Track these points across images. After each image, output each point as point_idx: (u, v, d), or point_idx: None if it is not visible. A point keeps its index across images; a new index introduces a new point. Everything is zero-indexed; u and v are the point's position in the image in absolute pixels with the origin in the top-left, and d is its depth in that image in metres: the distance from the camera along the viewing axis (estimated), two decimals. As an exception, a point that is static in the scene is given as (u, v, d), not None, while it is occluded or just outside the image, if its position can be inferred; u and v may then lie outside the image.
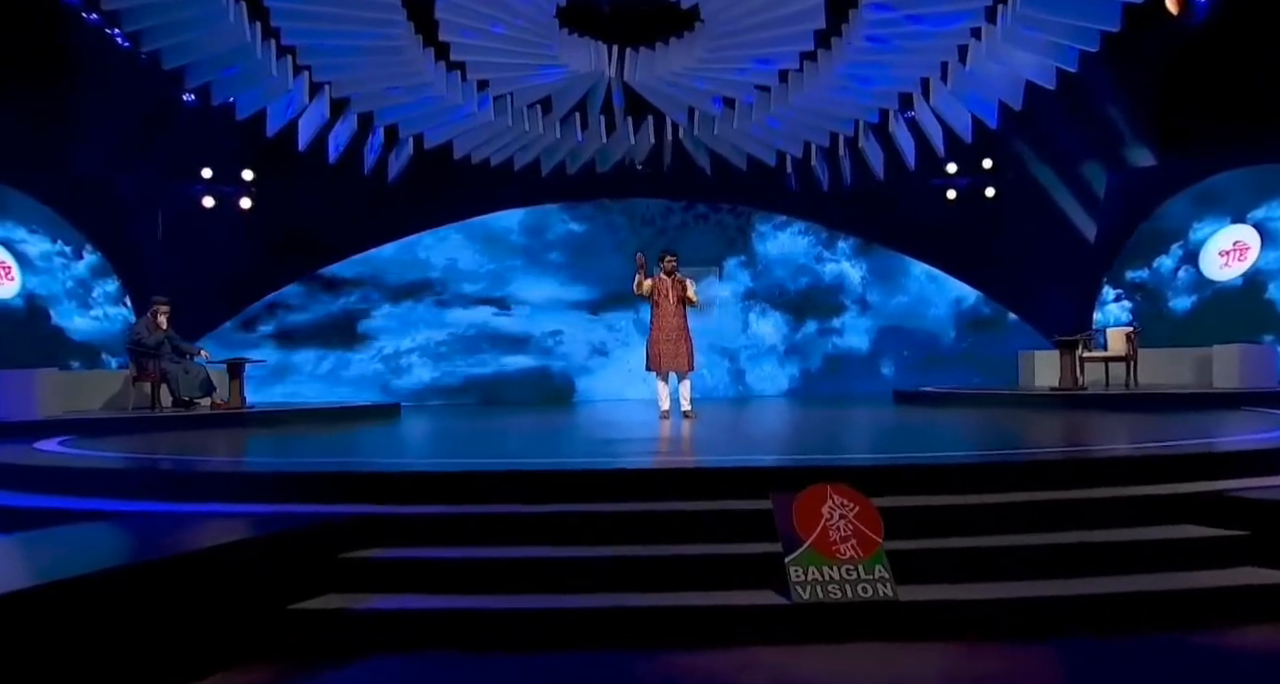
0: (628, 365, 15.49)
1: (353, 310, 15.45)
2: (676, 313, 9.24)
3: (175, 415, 9.39)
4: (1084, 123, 13.66)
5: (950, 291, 16.05)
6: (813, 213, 15.86)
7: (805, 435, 7.85)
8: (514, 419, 10.70)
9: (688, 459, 6.04)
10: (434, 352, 15.62)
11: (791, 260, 16.14)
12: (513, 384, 15.67)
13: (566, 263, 15.86)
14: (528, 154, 14.86)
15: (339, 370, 15.32)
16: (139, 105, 12.50)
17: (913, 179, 14.65)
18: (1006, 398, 10.72)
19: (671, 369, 9.28)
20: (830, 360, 16.06)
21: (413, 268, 15.64)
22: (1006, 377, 15.71)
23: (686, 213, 16.03)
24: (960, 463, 5.11)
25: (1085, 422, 8.17)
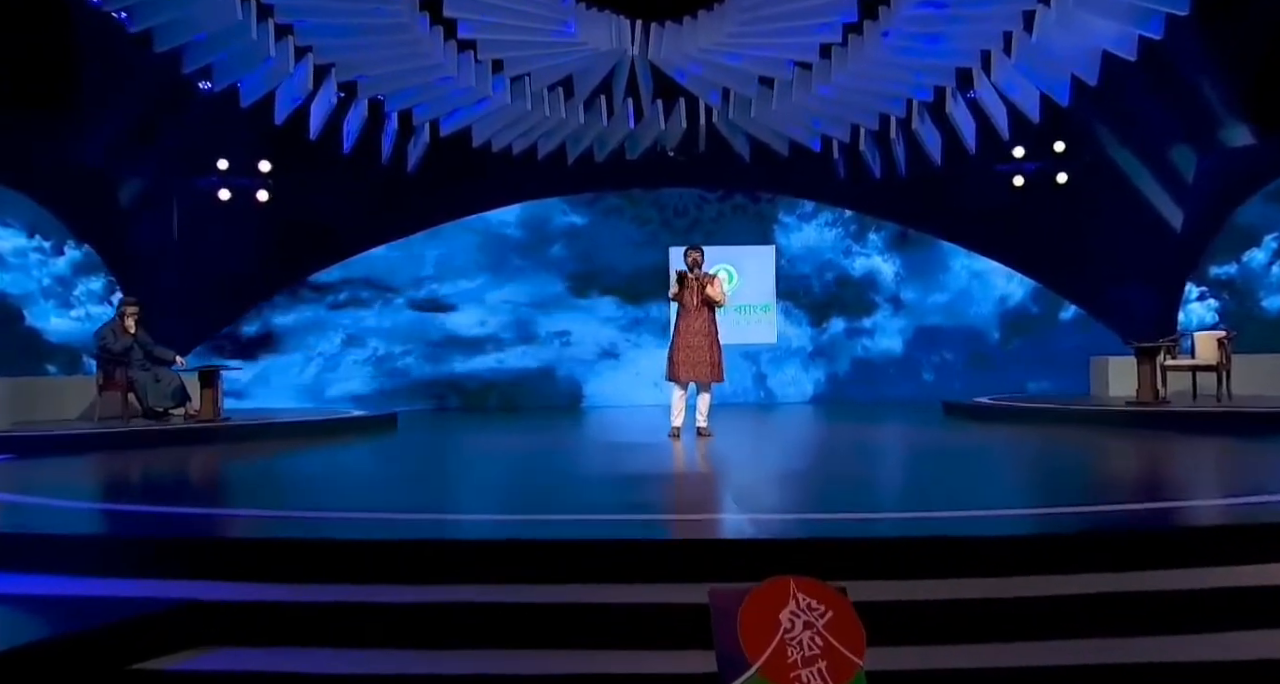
0: (636, 370, 14.53)
1: (343, 309, 14.66)
2: (702, 315, 8.14)
3: (134, 430, 8.53)
4: (1170, 98, 12.11)
5: (995, 288, 14.64)
6: (861, 203, 14.57)
7: (830, 468, 6.65)
8: (500, 436, 9.85)
9: (671, 519, 4.84)
10: (428, 353, 14.76)
11: (817, 254, 14.88)
12: (517, 388, 14.75)
13: (573, 257, 14.89)
14: (551, 141, 13.81)
15: (326, 372, 14.57)
16: (138, 90, 11.80)
17: (973, 165, 13.23)
18: (1073, 414, 9.28)
19: (692, 379, 8.17)
20: (860, 364, 14.78)
21: (408, 264, 14.79)
22: (1061, 382, 14.30)
23: (723, 203, 14.87)
24: (1001, 536, 3.84)
25: (1169, 450, 6.88)
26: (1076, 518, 4.25)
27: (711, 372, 8.15)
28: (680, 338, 8.17)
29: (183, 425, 8.66)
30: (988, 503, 4.88)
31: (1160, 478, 5.91)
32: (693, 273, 8.20)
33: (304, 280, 14.64)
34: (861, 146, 13.50)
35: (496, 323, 14.78)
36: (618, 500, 5.10)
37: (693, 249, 8.31)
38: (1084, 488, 5.61)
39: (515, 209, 14.82)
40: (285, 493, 5.82)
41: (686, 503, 5.28)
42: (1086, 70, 11.38)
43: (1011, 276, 14.69)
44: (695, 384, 8.28)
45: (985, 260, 14.76)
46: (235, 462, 7.38)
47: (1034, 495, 5.46)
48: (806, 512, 4.79)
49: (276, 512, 4.89)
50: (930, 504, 4.88)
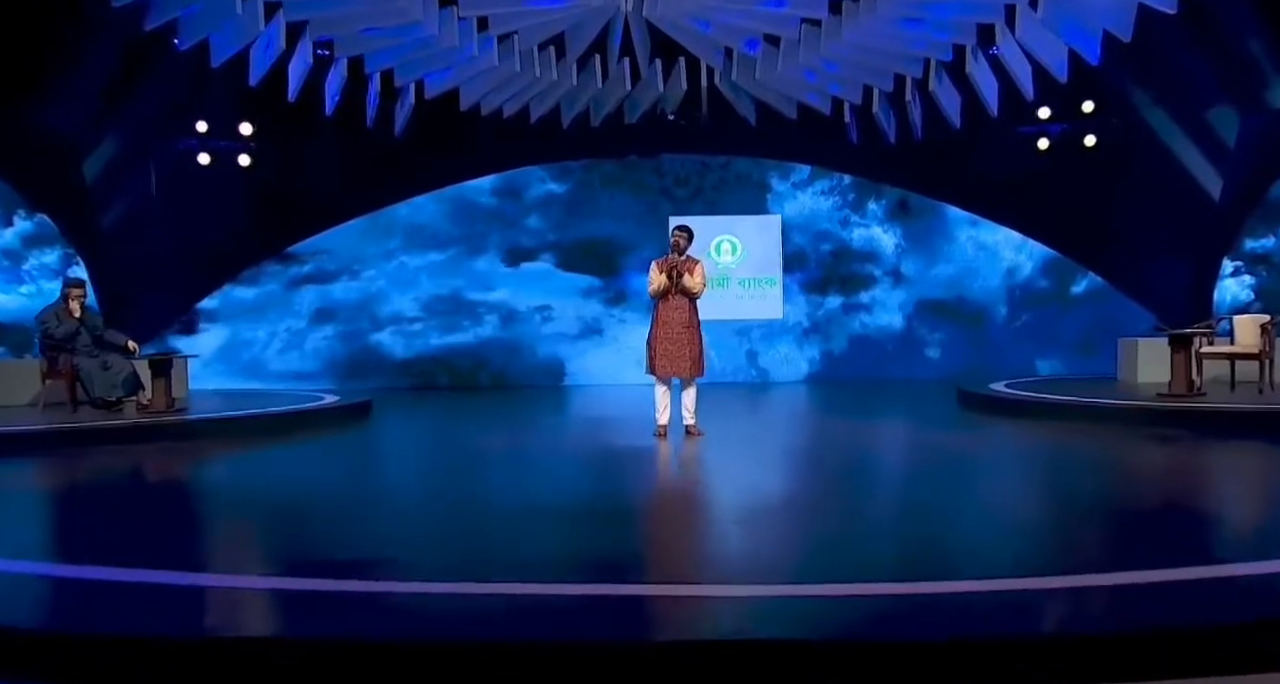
0: (619, 348, 13.92)
1: (308, 281, 14.05)
2: (683, 305, 7.49)
3: (72, 428, 7.73)
4: (1212, 54, 11.13)
5: (1002, 261, 13.83)
6: (873, 169, 13.70)
7: (844, 496, 5.43)
8: (465, 430, 9.21)
9: (641, 594, 3.46)
10: (406, 329, 14.16)
11: (813, 224, 14.09)
12: (495, 366, 14.16)
13: (557, 228, 14.18)
14: (544, 105, 12.99)
15: (293, 347, 14.00)
16: (100, 48, 11.07)
17: (995, 128, 12.33)
18: (1103, 410, 8.31)
19: (671, 375, 7.48)
20: (857, 341, 14.06)
21: (381, 234, 14.12)
22: (1074, 361, 13.58)
23: (726, 170, 14.04)
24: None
25: (1245, 467, 6.10)
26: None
27: (691, 367, 7.47)
28: (659, 329, 7.48)
29: (129, 420, 7.99)
30: (1069, 561, 3.84)
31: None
32: (678, 257, 7.48)
33: (285, 251, 14.01)
34: (875, 109, 12.59)
35: (473, 297, 14.15)
36: (579, 553, 4.15)
37: (679, 231, 7.56)
38: (1196, 540, 4.18)
39: (490, 177, 14.10)
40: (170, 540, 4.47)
41: (666, 560, 4.18)
42: (1119, 24, 10.38)
43: (1021, 248, 13.87)
44: (677, 379, 7.62)
45: (992, 231, 13.95)
46: (166, 475, 6.63)
47: (1132, 552, 4.02)
48: (824, 580, 3.57)
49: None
50: (990, 563, 3.80)
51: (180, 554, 4.17)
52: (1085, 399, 8.56)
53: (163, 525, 4.87)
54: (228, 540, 4.75)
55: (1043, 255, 13.94)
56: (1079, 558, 3.93)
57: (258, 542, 4.64)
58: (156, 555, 4.01)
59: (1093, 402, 8.46)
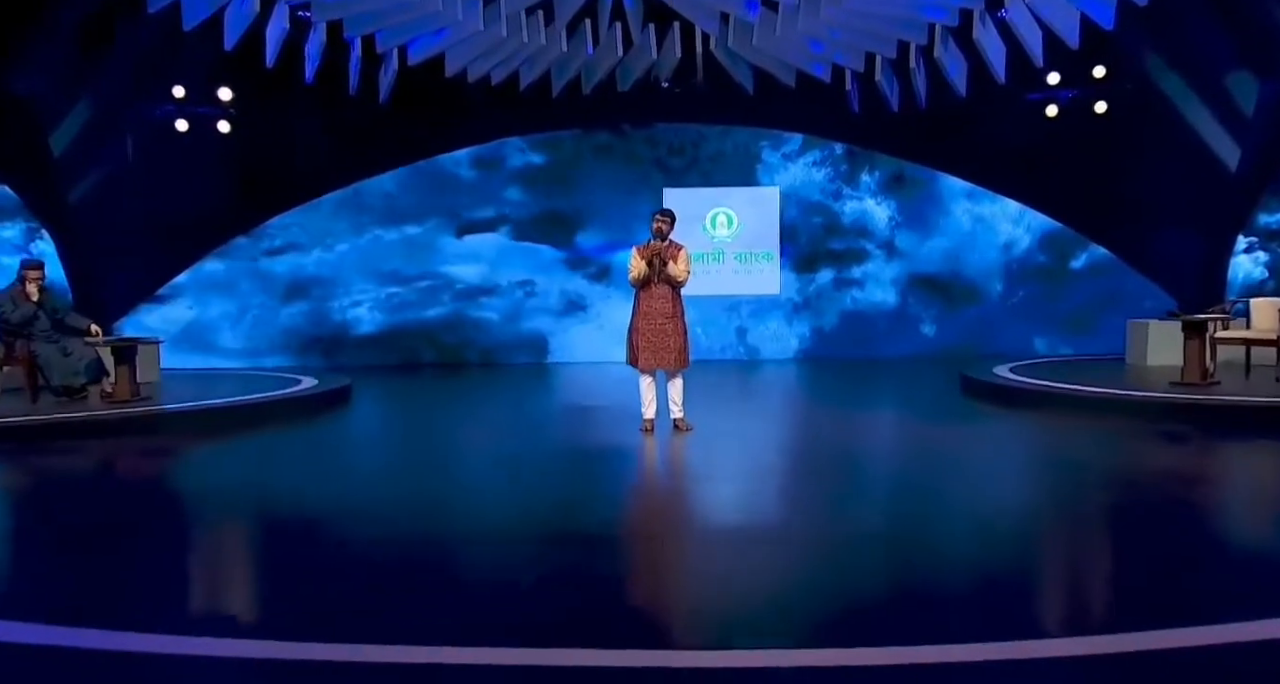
0: (602, 324, 13.57)
1: (284, 253, 13.63)
2: (665, 293, 7.16)
3: (21, 424, 7.24)
4: (1230, 18, 10.61)
5: (999, 234, 13.41)
6: (874, 139, 13.21)
7: (850, 516, 4.89)
8: (439, 420, 8.80)
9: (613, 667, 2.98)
10: (386, 304, 13.76)
11: (803, 197, 13.60)
12: (475, 342, 13.80)
13: (538, 199, 13.69)
14: (533, 72, 12.46)
15: (263, 327, 13.64)
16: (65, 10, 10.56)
17: (1002, 95, 11.82)
18: (1114, 404, 7.78)
19: (655, 367, 7.09)
20: (849, 318, 13.66)
21: (354, 206, 13.66)
22: (1072, 338, 13.26)
23: (723, 140, 13.53)
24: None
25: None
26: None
27: (676, 359, 7.11)
28: (641, 319, 7.12)
29: (88, 413, 7.58)
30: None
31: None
32: (659, 243, 7.07)
33: (266, 223, 13.57)
34: (878, 77, 12.07)
35: (456, 272, 13.75)
36: (547, 602, 3.59)
37: (661, 215, 7.13)
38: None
39: (473, 148, 13.61)
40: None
41: (646, 612, 3.54)
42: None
43: (1019, 221, 13.44)
44: (662, 371, 7.23)
45: (989, 203, 13.51)
46: (121, 480, 6.27)
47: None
48: (820, 644, 3.12)
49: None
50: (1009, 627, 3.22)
51: (127, 603, 3.68)
52: (1096, 390, 8.06)
53: (104, 557, 4.45)
54: (174, 582, 4.07)
55: (1042, 228, 13.50)
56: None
57: (211, 583, 4.25)
58: (94, 605, 3.62)
59: (1105, 393, 7.93)
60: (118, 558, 4.33)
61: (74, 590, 3.79)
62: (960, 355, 13.08)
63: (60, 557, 4.35)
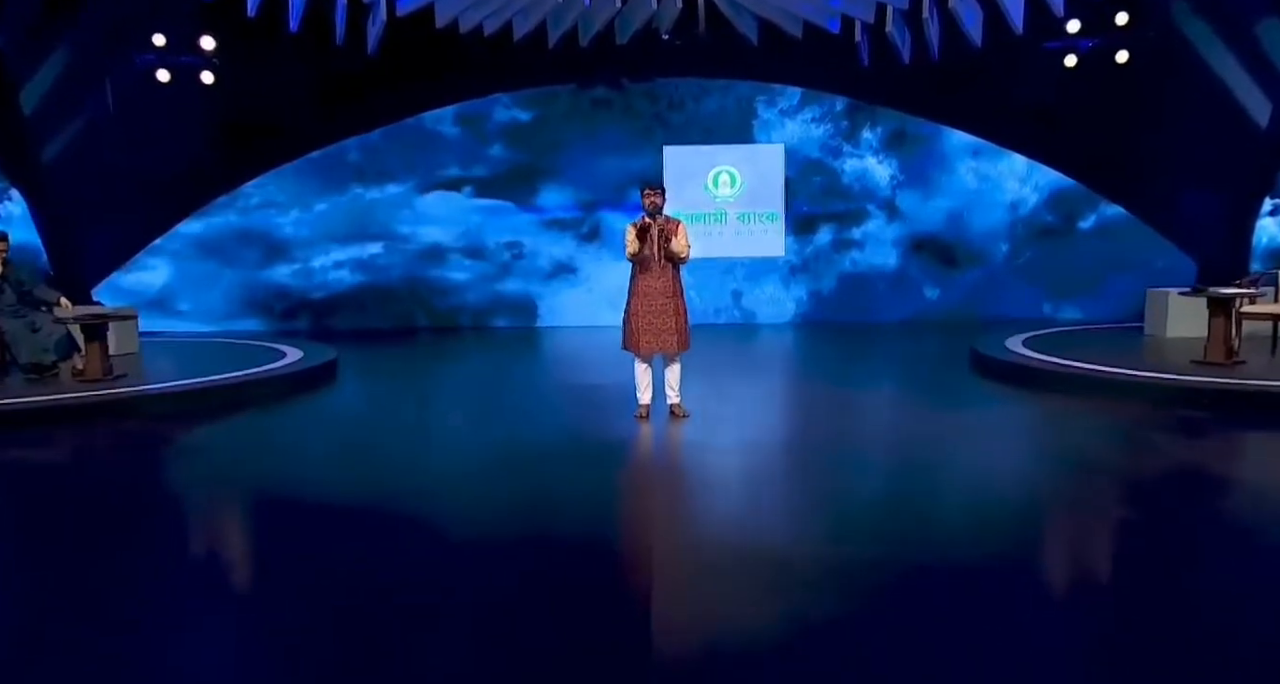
0: (591, 288, 13.22)
1: (255, 213, 13.18)
2: (665, 273, 6.64)
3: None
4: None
5: (1006, 193, 12.91)
6: (884, 94, 12.65)
7: (866, 535, 4.39)
8: (421, 396, 8.44)
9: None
10: (368, 265, 13.34)
11: (801, 155, 13.05)
12: (463, 305, 13.43)
13: (530, 156, 13.15)
14: (528, 22, 11.88)
15: (241, 289, 13.28)
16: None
17: (1019, 45, 11.24)
18: (1140, 387, 7.19)
19: (656, 351, 6.72)
20: (848, 280, 13.24)
21: (330, 164, 13.14)
22: (1082, 302, 12.91)
23: (726, 95, 12.96)
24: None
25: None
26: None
27: (678, 340, 6.69)
28: (639, 301, 6.66)
29: (57, 397, 7.21)
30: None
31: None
32: (654, 220, 6.64)
33: (250, 180, 13.11)
34: (888, 28, 11.48)
35: (440, 233, 13.30)
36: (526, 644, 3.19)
37: (652, 191, 6.64)
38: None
39: (463, 103, 13.05)
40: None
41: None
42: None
43: (1026, 179, 12.95)
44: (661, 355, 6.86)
45: (995, 161, 13.01)
46: (90, 476, 5.83)
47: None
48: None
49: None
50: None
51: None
52: (1117, 371, 7.52)
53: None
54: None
55: (1050, 187, 12.98)
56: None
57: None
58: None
59: (1128, 376, 7.34)
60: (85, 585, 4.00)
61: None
62: (963, 320, 12.71)
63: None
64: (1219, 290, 7.76)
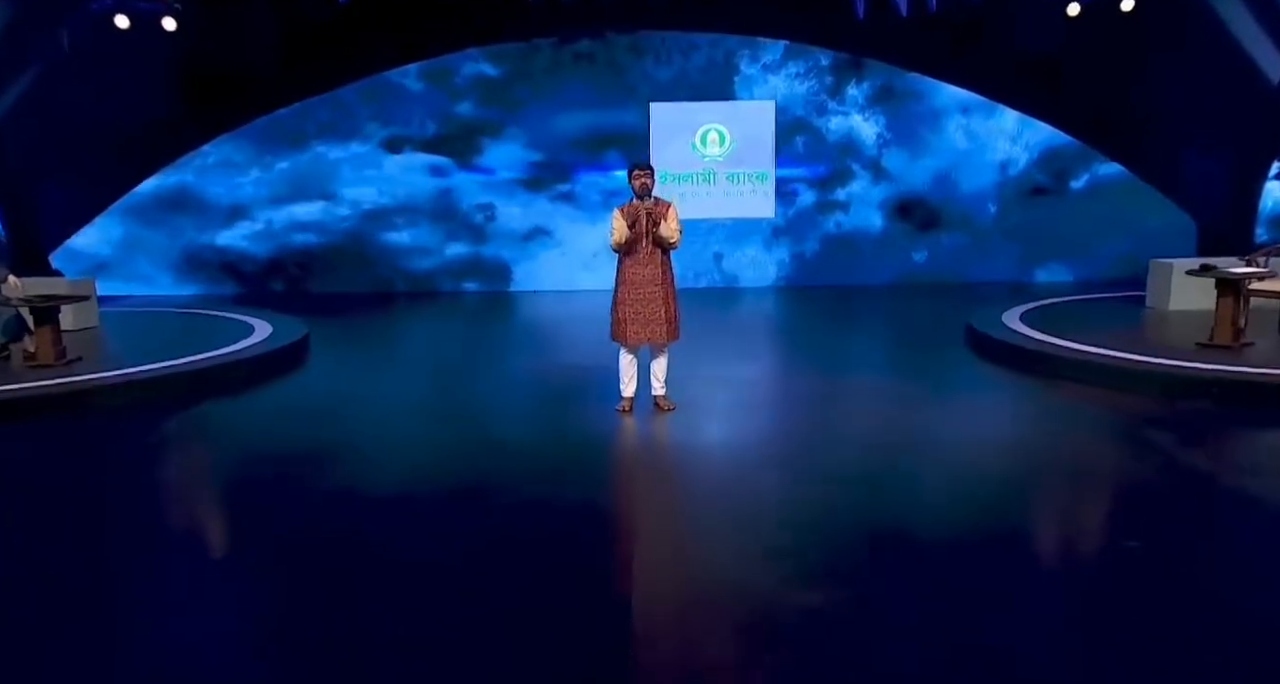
0: (566, 251, 12.79)
1: (213, 171, 12.57)
2: (654, 259, 6.22)
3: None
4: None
5: (996, 153, 12.47)
6: (880, 48, 12.10)
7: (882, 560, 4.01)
8: (400, 380, 7.94)
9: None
10: (332, 228, 12.77)
11: (785, 113, 12.53)
12: (431, 270, 12.94)
13: (505, 115, 12.55)
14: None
15: (198, 252, 12.76)
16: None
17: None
18: (1151, 376, 6.74)
19: (645, 341, 6.34)
20: (831, 243, 12.81)
21: (289, 122, 12.50)
22: (1074, 265, 12.60)
23: (714, 49, 12.38)
24: None
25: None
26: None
27: (668, 330, 6.31)
28: (627, 289, 6.24)
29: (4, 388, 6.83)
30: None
31: None
32: (642, 203, 6.21)
33: (217, 137, 12.54)
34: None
35: (409, 194, 12.72)
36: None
37: (640, 171, 6.16)
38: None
39: (435, 59, 12.35)
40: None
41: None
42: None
43: (1016, 138, 12.52)
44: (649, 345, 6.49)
45: (985, 119, 12.56)
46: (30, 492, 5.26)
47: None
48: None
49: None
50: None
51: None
52: (1120, 356, 7.06)
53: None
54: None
55: (1041, 146, 12.52)
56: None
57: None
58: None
59: (1130, 362, 6.94)
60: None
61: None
62: (951, 285, 12.39)
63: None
64: (1228, 270, 7.38)
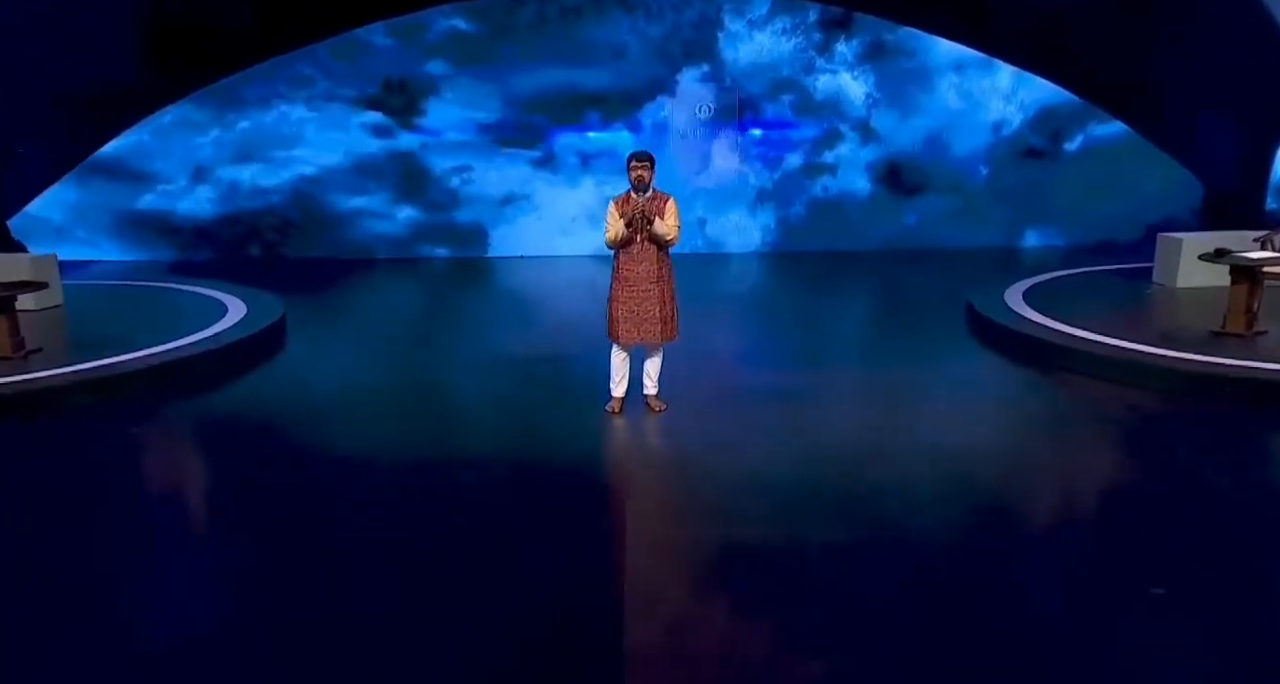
0: (542, 216, 12.39)
1: (174, 130, 11.94)
2: (649, 254, 5.89)
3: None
4: None
5: (989, 113, 12.09)
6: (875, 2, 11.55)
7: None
8: (378, 366, 7.47)
9: None
10: (301, 191, 12.26)
11: (771, 71, 12.07)
12: (410, 232, 12.48)
13: (474, 73, 11.96)
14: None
15: (155, 216, 12.20)
16: None
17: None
18: (1169, 373, 6.43)
19: (638, 341, 6.03)
20: (818, 207, 12.44)
21: (264, 77, 11.86)
22: (1067, 232, 12.36)
23: (707, 5, 11.80)
24: None
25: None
26: None
27: (663, 331, 6.01)
28: (620, 286, 5.96)
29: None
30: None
31: None
32: (639, 195, 5.82)
33: (191, 93, 11.89)
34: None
35: (378, 154, 12.15)
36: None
37: (639, 162, 5.80)
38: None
39: (413, 14, 11.67)
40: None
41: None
42: None
43: (1010, 97, 12.14)
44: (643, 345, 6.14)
45: (979, 78, 12.18)
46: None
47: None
48: None
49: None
50: None
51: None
52: (1131, 348, 6.79)
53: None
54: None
55: (1036, 105, 12.18)
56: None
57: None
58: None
59: (1142, 354, 6.66)
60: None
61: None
62: (941, 250, 12.15)
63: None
64: (1244, 256, 7.09)
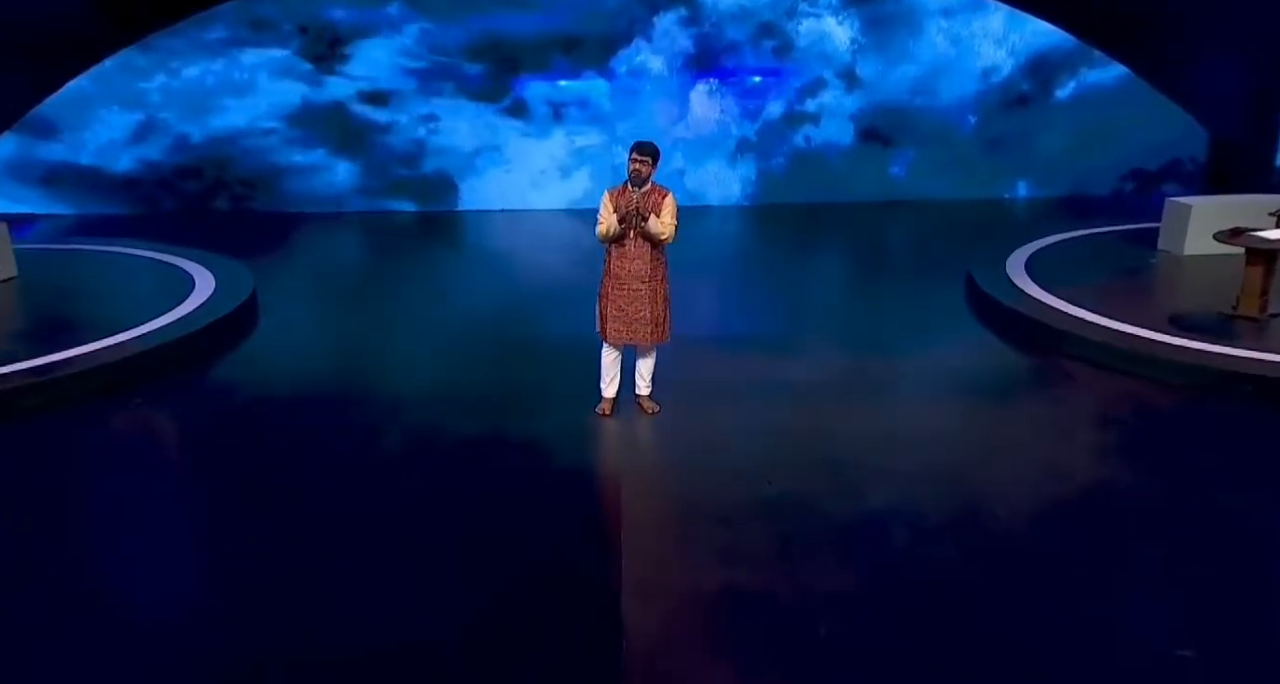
0: (513, 168, 11.81)
1: (120, 80, 11.18)
2: (641, 252, 5.53)
3: None
4: None
5: (979, 59, 11.53)
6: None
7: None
8: (356, 358, 6.93)
9: None
10: (258, 143, 11.58)
11: (751, 16, 11.45)
12: (378, 185, 11.86)
13: (452, 20, 11.27)
14: None
15: (108, 165, 11.50)
16: None
17: None
18: (1186, 369, 6.05)
19: (626, 341, 5.71)
20: (799, 159, 11.93)
21: (208, 20, 11.06)
22: (1058, 183, 11.92)
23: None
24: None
25: None
26: None
27: (653, 332, 5.68)
28: (611, 282, 5.63)
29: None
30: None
31: None
32: (635, 190, 5.42)
33: (143, 39, 11.09)
34: None
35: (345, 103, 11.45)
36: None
37: (640, 154, 5.37)
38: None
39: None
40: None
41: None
42: None
43: (1001, 42, 11.51)
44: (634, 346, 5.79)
45: (969, 21, 11.52)
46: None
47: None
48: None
49: None
50: None
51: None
52: (1143, 336, 6.42)
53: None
54: None
55: (1027, 51, 11.56)
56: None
57: None
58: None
59: (1156, 343, 6.28)
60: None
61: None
62: (928, 203, 11.74)
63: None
64: (1262, 236, 6.76)
